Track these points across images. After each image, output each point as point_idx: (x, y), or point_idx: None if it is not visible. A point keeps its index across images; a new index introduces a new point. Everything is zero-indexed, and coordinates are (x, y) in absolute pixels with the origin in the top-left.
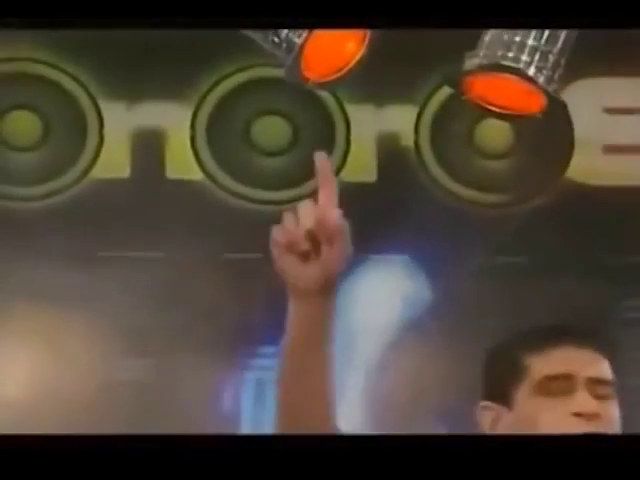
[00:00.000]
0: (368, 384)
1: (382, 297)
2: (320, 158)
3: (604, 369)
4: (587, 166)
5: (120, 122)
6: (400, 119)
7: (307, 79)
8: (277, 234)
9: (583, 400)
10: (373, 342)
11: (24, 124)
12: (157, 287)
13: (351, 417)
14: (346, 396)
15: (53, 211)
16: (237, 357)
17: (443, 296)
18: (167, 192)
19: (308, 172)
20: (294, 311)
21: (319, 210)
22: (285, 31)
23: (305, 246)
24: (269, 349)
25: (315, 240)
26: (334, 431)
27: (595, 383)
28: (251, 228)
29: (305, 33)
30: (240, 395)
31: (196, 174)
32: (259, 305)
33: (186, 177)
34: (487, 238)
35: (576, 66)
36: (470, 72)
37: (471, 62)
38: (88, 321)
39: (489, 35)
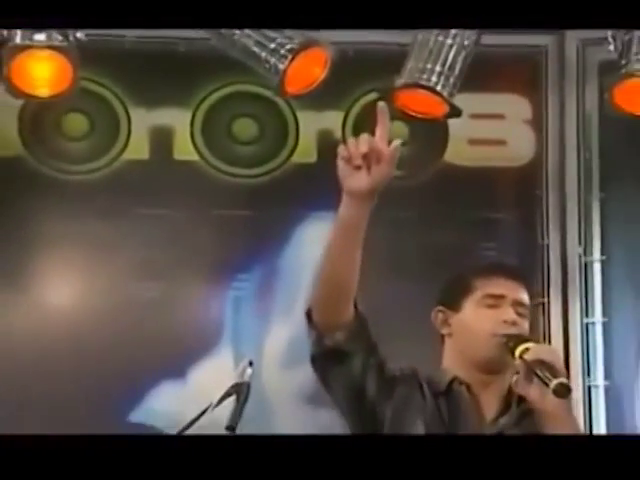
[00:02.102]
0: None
1: (317, 242)
2: (381, 107)
3: (524, 296)
4: (457, 152)
5: (142, 121)
6: (333, 119)
7: (287, 93)
8: (342, 150)
9: (510, 313)
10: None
11: (76, 122)
12: (165, 233)
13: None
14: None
15: (95, 182)
16: (221, 281)
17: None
18: (174, 169)
19: (270, 156)
20: (344, 207)
21: (374, 140)
22: (273, 60)
23: (359, 162)
24: (243, 275)
25: (367, 159)
26: (351, 309)
27: (518, 304)
28: (231, 193)
29: (287, 61)
30: (223, 307)
31: (194, 156)
32: (237, 245)
33: (187, 158)
34: (388, 200)
35: None
36: (397, 88)
37: (398, 81)
38: (117, 256)
39: (410, 63)
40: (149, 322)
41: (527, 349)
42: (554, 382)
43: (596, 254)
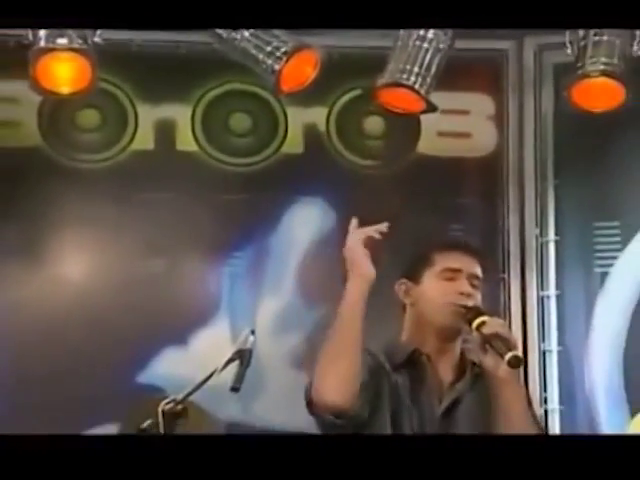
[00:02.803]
0: (297, 274)
1: (304, 224)
2: (377, 229)
3: (479, 270)
4: (428, 144)
5: (148, 115)
6: (318, 114)
7: (282, 91)
8: (372, 232)
9: (466, 286)
10: (301, 253)
11: (89, 116)
12: (168, 216)
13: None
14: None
15: (106, 170)
16: (218, 258)
17: (339, 219)
18: (176, 158)
19: (262, 147)
20: (358, 291)
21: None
22: (270, 61)
23: (377, 236)
24: (238, 253)
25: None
26: (355, 389)
27: (473, 277)
28: (227, 180)
29: (282, 62)
30: (220, 281)
31: (194, 147)
32: (233, 226)
33: (188, 149)
34: (366, 188)
35: None
36: (379, 87)
37: (380, 80)
38: (125, 236)
39: (391, 64)
40: (153, 295)
41: (483, 322)
42: (509, 354)
43: (551, 235)
